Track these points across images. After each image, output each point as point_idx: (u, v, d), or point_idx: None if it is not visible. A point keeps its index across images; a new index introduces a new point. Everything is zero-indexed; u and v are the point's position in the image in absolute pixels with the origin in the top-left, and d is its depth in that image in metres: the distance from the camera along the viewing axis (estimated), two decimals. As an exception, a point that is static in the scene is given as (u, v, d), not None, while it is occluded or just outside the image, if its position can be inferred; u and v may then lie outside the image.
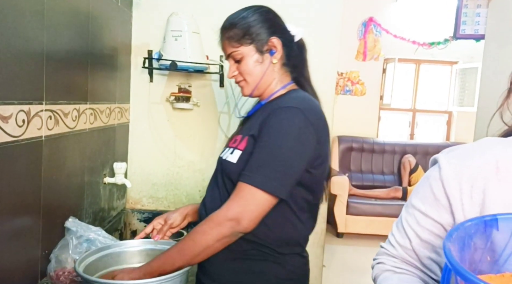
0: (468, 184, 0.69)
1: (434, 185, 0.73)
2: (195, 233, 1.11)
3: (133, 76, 2.09)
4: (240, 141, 1.20)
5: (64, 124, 1.35)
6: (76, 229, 1.35)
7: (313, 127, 1.12)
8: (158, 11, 2.05)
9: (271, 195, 1.07)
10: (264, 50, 1.23)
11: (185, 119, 2.15)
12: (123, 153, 2.06)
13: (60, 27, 1.31)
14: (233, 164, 1.17)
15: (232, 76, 1.27)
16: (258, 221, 1.09)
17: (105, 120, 1.74)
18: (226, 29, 1.24)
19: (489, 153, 0.71)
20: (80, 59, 1.49)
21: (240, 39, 1.22)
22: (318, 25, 2.10)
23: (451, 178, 0.71)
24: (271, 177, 1.07)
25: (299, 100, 1.18)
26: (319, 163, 1.17)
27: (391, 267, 0.80)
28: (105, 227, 1.72)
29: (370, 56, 5.29)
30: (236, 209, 1.07)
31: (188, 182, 2.16)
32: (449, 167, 0.72)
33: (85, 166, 1.56)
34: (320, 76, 2.14)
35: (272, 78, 1.26)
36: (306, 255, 1.29)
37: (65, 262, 1.28)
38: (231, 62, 1.26)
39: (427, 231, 0.75)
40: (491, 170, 0.69)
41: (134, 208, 2.15)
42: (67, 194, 1.43)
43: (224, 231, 1.07)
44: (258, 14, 1.24)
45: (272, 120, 1.12)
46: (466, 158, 0.72)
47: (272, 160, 1.08)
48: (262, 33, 1.23)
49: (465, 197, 0.69)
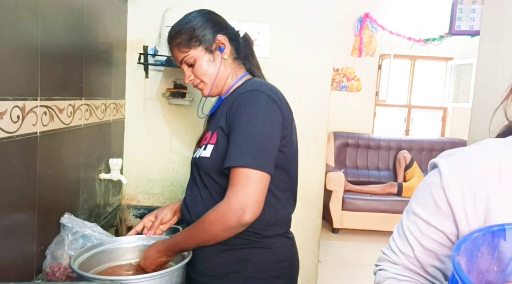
0: (470, 192, 0.67)
1: (435, 192, 0.71)
2: (203, 223, 1.13)
3: (129, 72, 2.09)
4: (211, 137, 1.23)
5: (59, 120, 1.34)
6: (71, 225, 1.35)
7: (276, 104, 1.17)
8: (153, 6, 2.04)
9: (262, 171, 1.09)
10: (213, 49, 1.29)
11: (181, 115, 2.15)
12: (118, 149, 2.06)
13: (55, 22, 1.30)
14: (207, 158, 1.20)
15: (189, 81, 1.31)
16: (262, 202, 1.10)
17: (100, 116, 1.73)
18: (173, 37, 1.30)
19: (490, 158, 0.68)
20: (75, 55, 1.48)
21: (188, 43, 1.27)
22: (315, 21, 2.10)
23: (453, 185, 0.68)
24: (254, 155, 1.09)
25: (258, 83, 1.22)
26: (289, 141, 1.21)
27: (394, 274, 0.78)
28: (101, 223, 1.72)
29: (366, 52, 5.30)
30: (237, 196, 1.07)
31: (184, 177, 2.16)
32: (449, 173, 0.69)
33: (80, 162, 1.56)
34: (316, 72, 2.14)
35: (227, 73, 1.31)
36: (292, 236, 1.32)
37: (60, 258, 1.28)
38: (185, 68, 1.31)
39: (430, 239, 0.73)
40: (493, 177, 0.66)
41: (130, 204, 2.15)
42: (63, 190, 1.43)
43: (230, 222, 1.08)
44: (200, 17, 1.30)
45: (238, 105, 1.16)
46: (467, 163, 0.69)
47: (251, 139, 1.10)
48: (207, 33, 1.29)
49: (468, 205, 0.67)
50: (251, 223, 1.10)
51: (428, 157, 5.19)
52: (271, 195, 1.19)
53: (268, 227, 1.21)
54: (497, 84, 2.37)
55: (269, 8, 2.08)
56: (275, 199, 1.22)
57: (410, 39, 5.27)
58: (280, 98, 1.21)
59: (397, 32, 5.25)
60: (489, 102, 2.48)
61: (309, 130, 2.13)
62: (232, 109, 1.17)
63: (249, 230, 1.16)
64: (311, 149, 2.15)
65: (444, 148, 5.16)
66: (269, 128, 1.13)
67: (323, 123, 2.17)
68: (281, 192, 1.24)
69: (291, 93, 1.26)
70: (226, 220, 1.08)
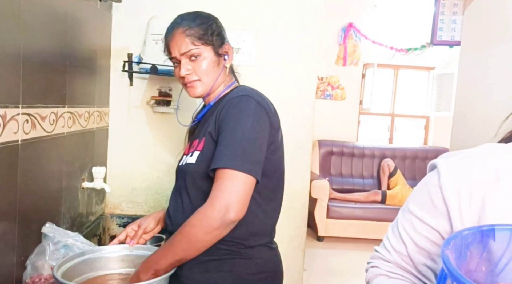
0: (467, 191, 0.69)
1: (432, 192, 0.72)
2: (184, 227, 1.10)
3: (113, 80, 2.07)
4: (198, 144, 1.22)
5: (41, 128, 1.32)
6: (53, 234, 1.33)
7: (265, 110, 1.17)
8: (138, 14, 2.03)
9: (248, 174, 1.08)
10: (221, 54, 1.29)
11: (166, 123, 2.14)
12: (102, 157, 2.04)
13: (38, 29, 1.29)
14: (193, 164, 1.19)
15: (187, 74, 1.25)
16: (246, 203, 1.08)
17: (83, 124, 1.71)
18: (189, 26, 1.24)
19: (489, 161, 0.70)
20: (58, 62, 1.47)
21: (202, 37, 1.25)
22: (299, 30, 2.12)
23: (450, 185, 0.70)
24: (244, 158, 1.08)
25: (248, 90, 1.23)
26: (275, 149, 1.21)
27: (385, 272, 0.79)
28: (84, 232, 1.69)
29: (350, 61, 5.36)
30: (220, 196, 1.06)
31: (169, 186, 2.15)
32: (448, 173, 0.71)
33: (63, 171, 1.54)
34: (301, 81, 2.16)
35: (222, 81, 1.31)
36: (275, 246, 1.31)
37: (41, 268, 1.26)
38: (184, 60, 1.25)
39: (424, 238, 0.74)
40: (491, 178, 0.68)
41: (113, 213, 2.12)
42: (44, 199, 1.41)
43: (212, 222, 1.05)
44: (214, 20, 1.31)
45: (228, 110, 1.16)
46: (466, 164, 0.71)
47: (240, 142, 1.10)
48: (220, 37, 1.29)
49: (463, 205, 0.69)
50: (234, 229, 1.09)
51: (412, 165, 5.25)
52: (254, 203, 1.18)
53: (251, 237, 1.20)
54: (477, 93, 2.42)
55: (254, 16, 2.09)
56: (258, 207, 1.20)
57: (392, 48, 5.35)
58: (269, 105, 1.21)
59: (380, 42, 5.32)
60: (470, 111, 2.53)
61: (294, 138, 2.14)
62: (221, 114, 1.17)
63: (230, 239, 1.14)
64: (296, 157, 2.16)
65: (427, 156, 5.23)
66: (258, 134, 1.13)
67: (308, 131, 2.18)
68: (266, 201, 1.22)
69: (276, 101, 1.27)
70: (209, 220, 1.05)
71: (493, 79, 2.29)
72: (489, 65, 2.38)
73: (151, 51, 1.88)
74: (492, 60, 2.36)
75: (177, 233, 1.12)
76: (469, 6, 2.69)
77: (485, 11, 2.53)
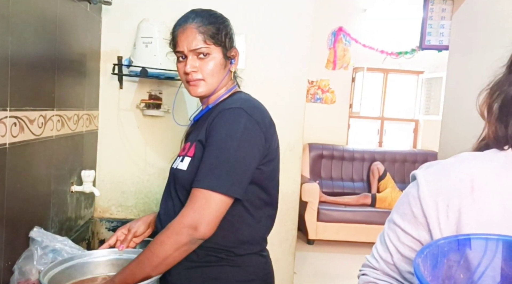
0: (444, 203, 0.71)
1: (412, 203, 0.75)
2: (153, 244, 1.10)
3: (102, 83, 2.06)
4: (189, 148, 1.21)
5: (29, 131, 1.31)
6: (41, 239, 1.31)
7: (259, 125, 1.15)
8: (128, 17, 2.03)
9: (225, 195, 1.07)
10: (228, 57, 1.27)
11: (156, 127, 2.13)
12: (91, 161, 2.02)
13: (26, 32, 1.28)
14: (184, 171, 1.18)
15: (192, 71, 1.21)
16: (216, 224, 1.08)
17: (73, 127, 1.70)
18: (204, 23, 1.21)
19: (464, 171, 0.72)
20: (47, 64, 1.45)
21: (214, 36, 1.21)
22: (290, 33, 2.13)
23: (428, 196, 0.72)
24: (222, 177, 1.07)
25: (242, 101, 1.20)
26: (269, 160, 1.19)
27: (374, 279, 0.82)
28: (72, 236, 1.67)
29: (340, 65, 5.39)
30: (191, 215, 1.06)
31: (159, 189, 2.14)
32: (426, 185, 0.73)
33: (51, 174, 1.52)
34: (291, 84, 2.16)
35: (224, 85, 1.29)
36: (266, 254, 1.29)
37: (29, 273, 1.24)
38: (192, 57, 1.21)
39: (407, 247, 0.77)
40: (466, 188, 0.70)
41: (103, 217, 2.11)
42: (32, 203, 1.39)
43: (181, 239, 1.06)
44: (228, 21, 1.28)
45: (218, 123, 1.13)
46: (443, 175, 0.73)
47: (222, 161, 1.09)
48: (231, 40, 1.27)
49: (441, 216, 0.71)
50: (224, 237, 1.09)
51: (401, 168, 5.28)
52: (245, 212, 1.18)
53: (241, 245, 1.19)
54: (465, 97, 2.45)
55: (244, 20, 2.10)
56: (249, 216, 1.19)
57: (383, 52, 5.39)
58: (263, 117, 1.18)
59: (370, 46, 5.36)
60: (458, 115, 2.56)
61: (284, 142, 2.14)
62: (211, 125, 1.15)
63: (220, 247, 1.14)
64: (286, 160, 2.16)
65: (416, 159, 5.27)
66: (244, 151, 1.11)
67: (298, 134, 2.19)
68: (257, 209, 1.21)
69: (267, 105, 1.27)
70: (178, 236, 1.06)
71: (480, 83, 2.31)
72: (476, 70, 2.41)
73: (141, 54, 1.88)
74: (479, 64, 2.39)
75: (145, 250, 1.11)
76: (457, 11, 2.73)
77: (472, 16, 2.56)
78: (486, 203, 0.69)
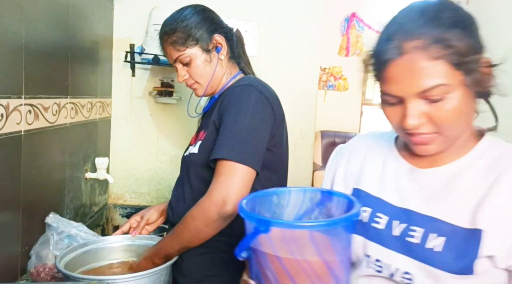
0: (335, 160, 0.98)
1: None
2: (186, 218, 1.11)
3: (115, 71, 2.07)
4: (202, 135, 1.21)
5: (44, 119, 1.33)
6: (57, 225, 1.33)
7: (268, 101, 1.15)
8: (140, 4, 2.02)
9: (248, 166, 1.07)
10: (210, 49, 1.25)
11: (168, 114, 2.14)
12: (105, 148, 2.04)
13: (39, 19, 1.29)
14: (195, 154, 1.18)
15: (183, 80, 1.27)
16: (245, 196, 1.07)
17: (86, 115, 1.71)
18: (168, 34, 1.24)
19: (356, 140, 0.99)
20: (60, 52, 1.46)
21: (185, 42, 1.22)
22: (302, 20, 2.10)
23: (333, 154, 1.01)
24: (242, 149, 1.07)
25: (251, 79, 1.20)
26: (278, 141, 1.20)
27: None
28: (87, 222, 1.70)
29: (353, 51, 5.33)
30: (217, 189, 1.05)
31: (172, 176, 2.15)
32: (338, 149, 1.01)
33: (66, 161, 1.54)
34: (304, 71, 2.15)
35: (222, 73, 1.28)
36: None
37: (45, 258, 1.27)
38: (179, 66, 1.26)
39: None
40: (348, 152, 0.96)
41: (117, 203, 2.13)
42: (48, 190, 1.41)
43: (210, 215, 1.05)
44: (196, 14, 1.25)
45: (229, 99, 1.14)
46: (348, 142, 1.00)
47: (238, 133, 1.08)
48: (204, 33, 1.24)
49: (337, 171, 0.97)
50: (234, 221, 1.08)
51: (414, 155, 5.23)
52: None
53: None
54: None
55: (256, 7, 2.08)
56: None
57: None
58: (272, 95, 1.19)
59: (384, 32, 5.29)
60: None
61: (296, 129, 2.14)
62: (223, 104, 1.16)
63: (231, 231, 1.14)
64: (299, 148, 2.16)
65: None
66: (258, 124, 1.11)
67: (310, 122, 2.18)
68: None
69: (279, 92, 1.26)
70: (207, 212, 1.05)
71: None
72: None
73: (153, 41, 1.87)
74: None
75: (179, 223, 1.12)
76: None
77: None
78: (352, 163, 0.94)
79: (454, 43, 0.67)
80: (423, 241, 0.74)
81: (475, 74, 0.69)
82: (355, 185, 0.90)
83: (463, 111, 0.71)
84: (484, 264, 0.69)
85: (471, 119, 0.77)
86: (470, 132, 0.80)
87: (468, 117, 0.75)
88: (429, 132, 0.72)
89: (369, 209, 0.84)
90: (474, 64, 0.69)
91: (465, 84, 0.69)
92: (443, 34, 0.67)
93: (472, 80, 0.69)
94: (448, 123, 0.70)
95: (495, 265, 0.70)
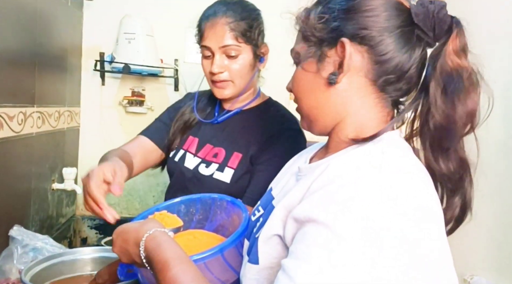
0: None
1: None
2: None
3: (84, 79, 2.03)
4: (225, 157, 1.12)
5: (9, 128, 1.29)
6: (21, 237, 1.29)
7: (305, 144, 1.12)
8: (110, 12, 2.00)
9: None
10: (258, 55, 1.15)
11: (139, 124, 2.09)
12: (73, 158, 1.99)
13: (5, 26, 1.26)
14: (226, 183, 1.10)
15: (219, 71, 1.11)
16: None
17: (53, 124, 1.67)
18: (234, 18, 1.09)
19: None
20: (27, 60, 1.43)
21: (247, 34, 1.09)
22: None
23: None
24: None
25: (296, 120, 1.13)
26: None
27: None
28: (53, 235, 1.65)
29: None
30: None
31: (142, 187, 2.12)
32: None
33: (32, 172, 1.50)
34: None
35: (252, 85, 1.20)
36: None
37: (9, 272, 1.23)
38: (220, 56, 1.10)
39: None
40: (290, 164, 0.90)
41: (85, 215, 2.08)
42: (12, 201, 1.37)
43: None
44: (260, 16, 1.16)
45: (278, 142, 1.09)
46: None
47: None
48: (261, 36, 1.15)
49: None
50: None
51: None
52: None
53: None
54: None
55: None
56: None
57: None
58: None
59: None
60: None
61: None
62: (268, 143, 1.08)
63: None
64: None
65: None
66: None
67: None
68: None
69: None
70: None
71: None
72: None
73: (123, 50, 1.86)
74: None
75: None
76: None
77: None
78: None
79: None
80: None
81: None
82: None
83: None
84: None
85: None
86: (348, 136, 0.70)
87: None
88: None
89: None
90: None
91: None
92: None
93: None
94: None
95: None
